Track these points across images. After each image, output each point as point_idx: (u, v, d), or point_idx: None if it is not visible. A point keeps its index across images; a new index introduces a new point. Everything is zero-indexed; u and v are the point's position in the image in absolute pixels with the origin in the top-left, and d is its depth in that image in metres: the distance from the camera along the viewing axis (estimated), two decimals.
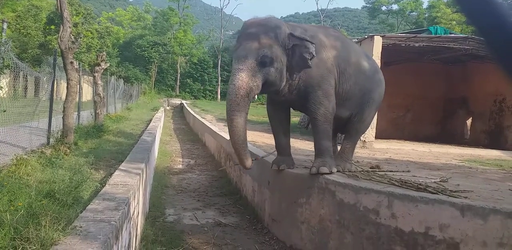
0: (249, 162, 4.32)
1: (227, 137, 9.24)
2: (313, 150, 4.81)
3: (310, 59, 4.19)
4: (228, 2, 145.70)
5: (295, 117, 14.93)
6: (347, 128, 5.22)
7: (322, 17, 50.59)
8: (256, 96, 4.27)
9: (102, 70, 11.64)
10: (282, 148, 4.99)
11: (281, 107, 4.90)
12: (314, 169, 4.40)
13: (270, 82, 4.20)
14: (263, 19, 4.33)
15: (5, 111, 5.26)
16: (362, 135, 7.46)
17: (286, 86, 4.39)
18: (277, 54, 4.14)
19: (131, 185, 4.10)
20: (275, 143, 5.03)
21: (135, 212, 4.08)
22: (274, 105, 4.90)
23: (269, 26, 4.21)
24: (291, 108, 5.04)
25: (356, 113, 5.07)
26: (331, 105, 4.48)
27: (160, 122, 15.28)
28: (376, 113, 9.00)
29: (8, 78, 6.94)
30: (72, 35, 6.92)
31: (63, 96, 7.39)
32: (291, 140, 5.14)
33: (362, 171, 4.76)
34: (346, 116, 5.04)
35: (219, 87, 46.58)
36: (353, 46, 5.24)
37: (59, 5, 6.74)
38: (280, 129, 4.96)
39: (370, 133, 9.21)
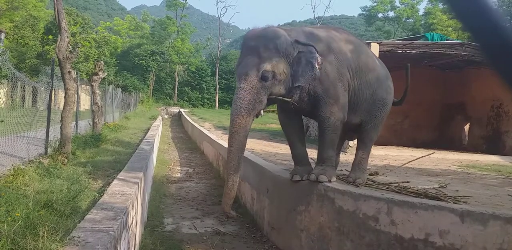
0: (229, 206, 4.22)
1: (226, 144, 9.26)
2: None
3: (317, 65, 4.04)
4: (226, 11, 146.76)
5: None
6: (360, 137, 5.05)
7: (319, 25, 50.90)
8: (262, 112, 4.15)
9: (100, 80, 11.66)
10: (301, 157, 4.75)
11: (294, 115, 4.70)
12: (313, 176, 4.33)
13: (276, 95, 4.09)
14: (261, 31, 4.19)
15: (2, 121, 5.25)
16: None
17: (297, 95, 4.21)
18: (279, 67, 4.00)
19: (129, 194, 4.08)
20: (292, 152, 4.80)
21: (133, 222, 4.06)
22: (286, 113, 4.71)
23: (268, 37, 4.07)
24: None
25: (368, 121, 4.89)
26: (342, 114, 4.32)
27: (158, 131, 15.27)
28: None
29: (6, 88, 6.94)
30: (70, 44, 6.95)
31: (61, 106, 7.39)
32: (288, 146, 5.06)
33: (379, 183, 4.54)
34: (356, 123, 4.86)
35: (217, 95, 46.69)
36: (365, 49, 5.01)
37: (56, 15, 6.77)
38: (296, 137, 4.76)
39: None
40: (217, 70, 47.80)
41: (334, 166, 4.54)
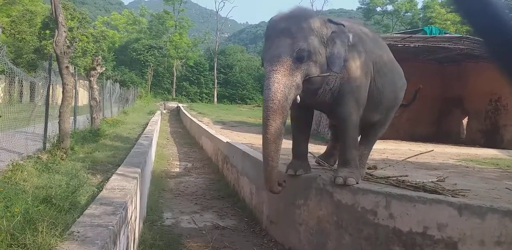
0: (276, 185, 3.88)
1: (224, 139, 9.27)
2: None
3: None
4: (224, 5, 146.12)
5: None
6: (367, 133, 4.92)
7: None
8: (298, 98, 3.80)
9: (98, 75, 11.62)
10: (301, 152, 4.64)
11: (307, 110, 4.52)
12: (340, 179, 4.01)
13: (312, 79, 3.77)
14: (290, 12, 3.87)
15: (0, 116, 5.24)
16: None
17: (325, 85, 3.93)
18: (315, 46, 3.70)
19: (128, 189, 4.08)
20: (294, 146, 4.65)
21: (132, 216, 4.06)
22: (300, 111, 4.41)
23: (300, 16, 3.79)
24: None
25: (381, 118, 4.78)
26: (360, 112, 4.17)
27: (157, 126, 15.25)
28: None
29: (4, 84, 6.92)
30: (67, 39, 6.91)
31: (59, 101, 7.36)
32: (288, 141, 5.04)
33: (378, 177, 4.50)
34: (375, 120, 4.71)
35: (215, 90, 46.61)
36: (384, 43, 4.86)
37: (53, 9, 6.72)
38: (303, 132, 4.63)
39: None
40: (215, 64, 47.67)
41: (358, 165, 4.28)
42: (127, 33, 53.58)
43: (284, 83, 3.60)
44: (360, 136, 5.10)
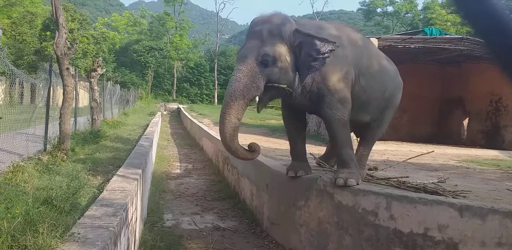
0: (247, 154, 4.06)
1: None
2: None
3: (323, 58, 3.89)
4: (224, 6, 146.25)
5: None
6: (364, 134, 4.98)
7: (317, 20, 50.66)
8: (257, 98, 4.03)
9: (98, 76, 11.63)
10: (298, 153, 4.70)
11: (296, 111, 4.63)
12: (341, 180, 4.02)
13: (275, 86, 3.93)
14: (268, 16, 4.06)
15: (1, 118, 5.24)
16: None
17: (299, 88, 4.09)
18: (281, 53, 3.88)
19: (129, 190, 4.09)
20: (291, 148, 4.74)
21: (133, 218, 4.06)
22: (289, 109, 4.65)
23: (273, 23, 3.96)
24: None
25: (376, 118, 4.81)
26: (347, 110, 4.18)
27: (157, 127, 15.26)
28: None
29: (4, 85, 6.92)
30: (68, 41, 6.91)
31: (60, 103, 7.37)
32: (287, 142, 5.04)
33: (378, 178, 4.51)
34: (366, 121, 4.76)
35: (216, 91, 46.64)
36: (373, 46, 4.93)
37: (54, 11, 6.73)
38: (296, 133, 4.70)
39: None
40: (216, 66, 47.75)
41: (357, 165, 4.27)
42: (127, 34, 53.67)
43: (244, 83, 3.82)
44: (359, 138, 5.11)
